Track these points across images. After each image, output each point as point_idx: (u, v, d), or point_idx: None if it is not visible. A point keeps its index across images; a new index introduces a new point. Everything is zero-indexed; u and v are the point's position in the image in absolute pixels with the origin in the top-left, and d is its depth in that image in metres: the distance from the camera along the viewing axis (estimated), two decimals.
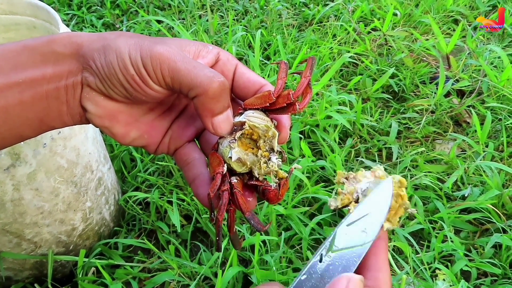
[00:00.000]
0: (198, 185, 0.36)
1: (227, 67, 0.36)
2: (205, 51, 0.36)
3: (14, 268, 0.70)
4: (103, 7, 1.44)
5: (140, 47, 0.32)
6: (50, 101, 0.33)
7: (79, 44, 0.33)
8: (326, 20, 1.30)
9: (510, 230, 0.73)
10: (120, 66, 0.32)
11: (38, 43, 0.33)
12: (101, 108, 0.34)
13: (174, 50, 0.32)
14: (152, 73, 0.32)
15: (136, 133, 0.36)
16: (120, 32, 0.34)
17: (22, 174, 0.61)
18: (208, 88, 0.32)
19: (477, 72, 1.06)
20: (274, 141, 0.34)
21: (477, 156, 0.87)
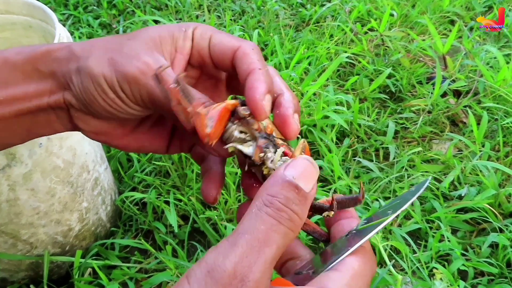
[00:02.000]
0: (206, 180, 0.35)
1: (201, 46, 0.33)
2: (181, 39, 0.33)
3: (9, 269, 0.70)
4: (100, 7, 1.43)
5: (114, 67, 0.30)
6: (37, 115, 0.32)
7: (58, 62, 0.32)
8: (323, 20, 1.30)
9: (506, 230, 0.73)
10: (98, 91, 0.30)
11: (20, 60, 0.32)
12: (92, 126, 0.33)
13: (149, 69, 0.30)
14: (131, 97, 0.30)
15: (136, 144, 0.35)
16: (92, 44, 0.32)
17: (18, 174, 0.60)
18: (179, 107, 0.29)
19: (473, 72, 1.07)
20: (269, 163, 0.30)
21: (473, 156, 0.87)
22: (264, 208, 0.25)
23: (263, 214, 0.25)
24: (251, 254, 0.24)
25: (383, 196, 0.81)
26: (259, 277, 0.23)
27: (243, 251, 0.24)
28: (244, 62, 0.31)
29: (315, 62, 1.10)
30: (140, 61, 0.30)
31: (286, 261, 0.32)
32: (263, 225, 0.25)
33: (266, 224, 0.25)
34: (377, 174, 0.85)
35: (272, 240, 0.24)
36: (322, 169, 0.86)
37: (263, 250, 0.24)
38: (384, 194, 0.82)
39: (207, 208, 0.81)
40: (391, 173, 0.85)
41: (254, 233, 0.24)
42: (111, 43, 0.32)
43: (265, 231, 0.24)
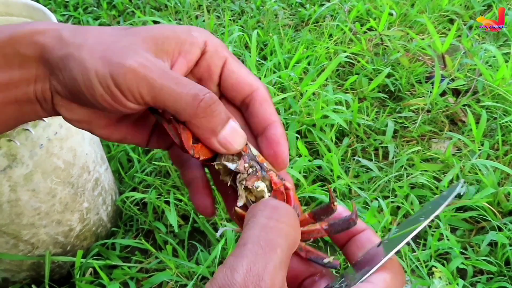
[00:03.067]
0: (194, 191, 0.32)
1: (214, 61, 0.31)
2: (188, 43, 0.30)
3: (11, 269, 0.70)
4: (100, 8, 1.43)
5: (109, 62, 0.27)
6: (22, 104, 0.30)
7: (43, 46, 0.29)
8: (322, 20, 1.30)
9: (505, 228, 0.73)
10: (86, 84, 0.28)
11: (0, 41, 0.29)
12: (76, 114, 0.31)
13: (149, 63, 0.28)
14: (127, 93, 0.28)
15: (119, 135, 0.33)
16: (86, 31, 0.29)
17: (19, 175, 0.61)
18: (196, 110, 0.27)
19: (472, 71, 1.07)
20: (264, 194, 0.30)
21: (472, 154, 0.88)
22: (259, 213, 0.25)
23: (260, 218, 0.25)
24: (257, 262, 0.23)
25: (382, 195, 0.81)
26: (271, 284, 0.23)
27: (249, 261, 0.23)
28: (265, 109, 0.31)
29: (314, 62, 1.10)
30: (139, 55, 0.28)
31: (303, 280, 0.31)
32: (263, 230, 0.24)
33: (266, 229, 0.24)
34: (376, 173, 0.85)
35: (275, 244, 0.24)
36: (322, 169, 0.86)
37: (269, 256, 0.24)
38: (384, 193, 0.82)
39: None
40: (390, 172, 0.85)
41: (255, 241, 0.24)
42: (106, 34, 0.29)
43: (265, 236, 0.24)
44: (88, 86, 0.28)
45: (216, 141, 0.29)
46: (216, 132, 0.28)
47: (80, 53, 0.28)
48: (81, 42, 0.28)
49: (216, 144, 0.29)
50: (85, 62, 0.27)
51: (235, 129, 0.29)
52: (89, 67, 0.27)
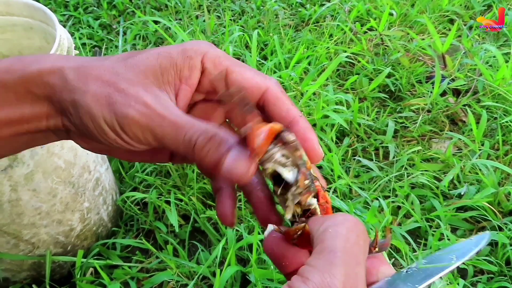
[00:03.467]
0: (218, 200, 0.33)
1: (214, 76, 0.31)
2: (186, 69, 0.30)
3: (11, 269, 0.70)
4: (100, 8, 1.43)
5: (114, 111, 0.28)
6: (35, 135, 0.31)
7: (51, 87, 0.29)
8: (322, 20, 1.30)
9: (506, 228, 0.74)
10: (98, 130, 0.29)
11: (10, 79, 0.29)
12: (93, 146, 0.32)
13: (149, 111, 0.28)
14: (135, 139, 0.29)
15: (139, 158, 0.34)
16: (87, 73, 0.29)
17: (20, 174, 0.61)
18: (194, 153, 0.28)
19: (472, 71, 1.07)
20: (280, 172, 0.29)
21: (473, 154, 0.88)
22: (340, 225, 0.26)
23: (343, 230, 0.25)
24: (351, 274, 0.24)
25: (382, 195, 0.81)
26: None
27: (345, 271, 0.24)
28: (280, 108, 0.31)
29: (315, 62, 1.10)
30: (139, 103, 0.28)
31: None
32: (347, 242, 0.25)
33: (349, 241, 0.25)
34: (377, 173, 0.85)
35: (358, 259, 0.25)
36: (322, 168, 0.86)
37: (358, 269, 0.25)
38: (384, 193, 0.82)
39: (207, 207, 0.81)
40: (390, 172, 0.86)
41: (344, 252, 0.25)
42: (106, 74, 0.29)
43: (351, 249, 0.25)
44: (100, 132, 0.29)
45: (221, 174, 0.28)
46: (218, 166, 0.28)
47: (85, 100, 0.28)
48: (84, 88, 0.29)
49: (223, 176, 0.28)
50: (92, 110, 0.28)
51: (235, 158, 0.28)
52: (96, 115, 0.28)
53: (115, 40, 1.28)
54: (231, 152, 0.28)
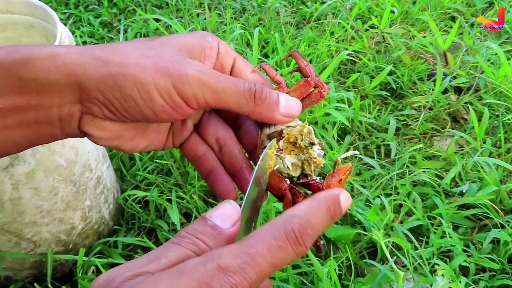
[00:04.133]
0: (214, 180, 0.36)
1: (226, 61, 0.35)
2: (209, 48, 0.34)
3: (13, 267, 0.70)
4: (101, 5, 1.43)
5: (168, 74, 0.29)
6: (41, 126, 0.30)
7: (69, 69, 0.28)
8: (324, 17, 1.30)
9: (508, 226, 0.73)
10: (144, 99, 0.29)
11: (13, 62, 0.28)
12: (107, 131, 0.32)
13: (206, 70, 0.30)
14: (192, 100, 0.30)
15: (145, 143, 0.35)
16: (119, 48, 0.30)
17: (21, 173, 0.61)
18: (254, 101, 0.31)
19: (474, 69, 1.07)
20: (312, 136, 0.34)
21: (475, 152, 0.87)
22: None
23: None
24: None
25: (384, 193, 0.81)
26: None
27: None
28: None
29: (316, 60, 1.10)
30: (194, 64, 0.30)
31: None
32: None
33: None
34: (379, 171, 0.85)
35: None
36: (324, 167, 0.86)
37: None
38: (386, 191, 0.82)
39: (209, 205, 0.81)
40: (392, 170, 0.85)
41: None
42: (141, 48, 0.30)
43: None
44: (147, 100, 0.29)
45: (279, 115, 0.33)
46: (275, 109, 0.33)
47: (130, 70, 0.29)
48: (124, 60, 0.29)
49: (280, 118, 0.33)
50: (140, 77, 0.28)
51: (287, 99, 0.33)
52: (146, 82, 0.29)
53: (116, 38, 1.28)
54: (281, 96, 0.33)
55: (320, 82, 0.36)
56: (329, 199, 0.27)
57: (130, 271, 0.23)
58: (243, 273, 0.23)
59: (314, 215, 0.26)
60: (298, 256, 0.25)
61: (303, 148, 0.34)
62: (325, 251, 0.75)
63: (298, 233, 0.24)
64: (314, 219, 0.26)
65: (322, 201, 0.27)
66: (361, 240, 0.74)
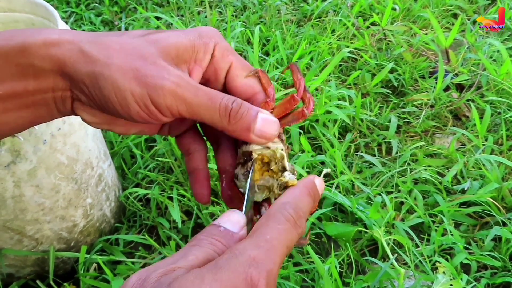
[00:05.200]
0: (194, 181, 0.36)
1: (220, 66, 0.34)
2: (202, 51, 0.33)
3: (15, 265, 0.70)
4: (102, 4, 1.43)
5: (145, 84, 0.29)
6: (39, 108, 0.31)
7: (60, 60, 0.29)
8: (325, 15, 1.29)
9: (509, 223, 0.73)
10: (121, 103, 0.29)
11: (10, 49, 0.29)
12: (97, 117, 0.32)
13: (183, 82, 0.30)
14: (165, 110, 0.30)
15: (137, 129, 0.35)
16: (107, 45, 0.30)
17: (23, 170, 0.61)
18: (229, 118, 0.31)
19: (476, 66, 1.06)
20: (284, 162, 0.34)
21: (476, 149, 0.87)
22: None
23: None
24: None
25: (385, 190, 0.81)
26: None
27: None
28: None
29: (317, 57, 1.10)
30: (173, 75, 0.30)
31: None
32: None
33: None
34: (380, 168, 0.85)
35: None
36: (325, 164, 0.86)
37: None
38: (387, 188, 0.82)
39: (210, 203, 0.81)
40: (393, 167, 0.85)
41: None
42: (129, 47, 0.30)
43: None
44: (123, 105, 0.29)
45: (254, 136, 0.32)
46: (251, 129, 0.32)
47: (111, 72, 0.29)
48: (108, 61, 0.29)
49: (255, 138, 0.32)
50: (118, 82, 0.29)
51: (265, 119, 0.32)
52: (123, 88, 0.29)
53: None
54: (259, 115, 0.32)
55: (307, 99, 0.35)
56: (307, 184, 0.31)
57: (162, 268, 0.25)
58: (271, 260, 0.26)
59: (300, 200, 0.30)
60: (299, 236, 0.29)
61: (276, 171, 0.34)
62: (326, 249, 0.75)
63: (295, 217, 0.28)
64: (301, 203, 0.30)
65: (302, 187, 0.31)
66: (362, 238, 0.74)
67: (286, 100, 0.35)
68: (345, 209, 0.77)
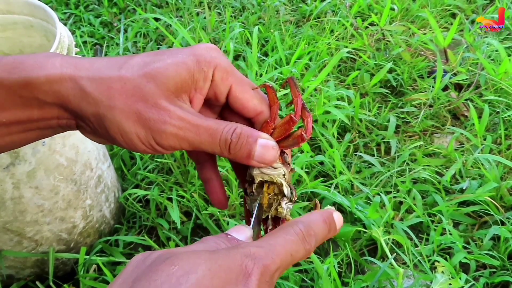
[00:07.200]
0: (210, 191, 0.38)
1: (220, 90, 0.34)
2: (201, 80, 0.33)
3: (15, 266, 0.71)
4: (101, 5, 1.43)
5: (149, 128, 0.30)
6: (44, 130, 0.33)
7: (64, 97, 0.30)
8: (323, 15, 1.30)
9: (508, 222, 0.73)
10: (127, 143, 0.31)
11: (13, 82, 0.30)
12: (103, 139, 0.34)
13: (184, 124, 0.31)
14: (169, 149, 0.32)
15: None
16: (108, 85, 0.30)
17: (22, 172, 0.61)
18: (229, 150, 0.32)
19: (474, 65, 1.07)
20: (282, 188, 0.35)
21: (475, 149, 0.87)
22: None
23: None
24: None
25: (384, 190, 0.81)
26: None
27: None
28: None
29: (316, 58, 1.10)
30: (174, 118, 0.31)
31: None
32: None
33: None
34: (379, 168, 0.85)
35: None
36: (324, 164, 0.86)
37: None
38: (386, 188, 0.82)
39: (209, 204, 0.81)
40: (392, 167, 0.85)
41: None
42: (129, 87, 0.31)
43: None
44: (129, 143, 0.31)
45: (254, 162, 0.33)
46: (251, 156, 0.33)
47: (114, 116, 0.30)
48: (110, 103, 0.30)
49: (255, 164, 0.33)
50: (123, 125, 0.30)
51: (264, 145, 0.33)
52: (128, 131, 0.31)
53: (116, 38, 1.28)
54: (259, 141, 0.33)
55: (306, 118, 0.35)
56: (324, 213, 0.32)
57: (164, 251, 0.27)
58: (270, 258, 0.27)
59: (313, 222, 0.31)
60: (307, 253, 0.30)
61: (276, 194, 0.36)
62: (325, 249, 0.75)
63: (305, 233, 0.30)
64: (313, 224, 0.31)
65: (318, 214, 0.32)
66: (361, 238, 0.74)
67: (285, 121, 0.35)
68: (344, 209, 0.77)
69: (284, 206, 0.35)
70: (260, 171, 0.35)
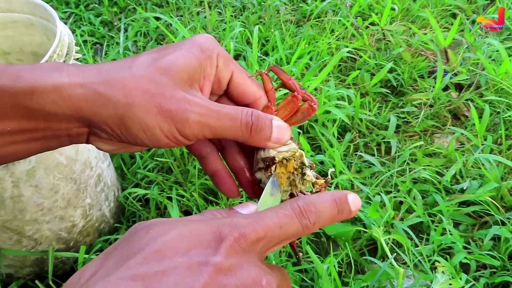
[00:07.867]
0: (219, 182, 0.38)
1: (223, 75, 0.35)
2: (208, 67, 0.34)
3: (14, 265, 0.70)
4: (101, 5, 1.43)
5: (172, 119, 0.31)
6: (49, 141, 0.32)
7: (76, 105, 0.29)
8: (324, 15, 1.30)
9: (509, 223, 0.73)
10: (150, 139, 0.31)
11: (19, 91, 0.29)
12: (114, 146, 0.34)
13: (205, 110, 0.31)
14: (192, 137, 0.32)
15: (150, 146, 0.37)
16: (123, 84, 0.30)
17: (21, 170, 0.61)
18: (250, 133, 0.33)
19: (475, 65, 1.06)
20: (303, 159, 0.36)
21: (475, 149, 0.87)
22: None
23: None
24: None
25: (384, 190, 0.81)
26: None
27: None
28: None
29: (316, 57, 1.10)
30: (194, 105, 0.31)
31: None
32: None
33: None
34: (379, 168, 0.85)
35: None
36: (324, 164, 0.86)
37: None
38: (386, 188, 0.82)
39: (209, 203, 0.81)
40: (392, 167, 0.85)
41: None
42: (144, 83, 0.30)
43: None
44: (152, 139, 0.31)
45: (271, 143, 0.34)
46: (268, 138, 0.34)
47: (135, 113, 0.30)
48: (128, 101, 0.30)
49: (272, 145, 0.35)
50: (145, 121, 0.30)
51: (279, 126, 0.34)
52: (151, 126, 0.31)
53: (116, 37, 1.28)
54: (274, 123, 0.34)
55: (307, 95, 0.36)
56: (336, 193, 0.31)
57: None
58: (251, 227, 0.27)
59: (319, 199, 0.30)
60: (304, 229, 0.29)
61: (296, 168, 0.36)
62: (325, 249, 0.75)
63: (302, 208, 0.29)
64: (318, 202, 0.30)
65: (328, 193, 0.32)
66: (361, 237, 0.74)
67: (288, 101, 0.36)
68: None
69: (309, 174, 0.36)
70: (277, 151, 0.35)
